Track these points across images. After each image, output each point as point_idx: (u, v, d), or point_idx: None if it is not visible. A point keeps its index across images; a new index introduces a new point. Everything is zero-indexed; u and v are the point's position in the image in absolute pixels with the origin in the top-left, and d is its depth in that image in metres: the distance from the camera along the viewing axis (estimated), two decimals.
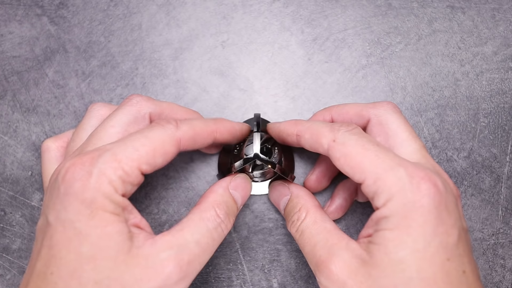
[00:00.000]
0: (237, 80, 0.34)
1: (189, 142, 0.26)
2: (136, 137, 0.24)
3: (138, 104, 0.27)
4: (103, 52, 0.35)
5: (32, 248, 0.33)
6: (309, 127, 0.26)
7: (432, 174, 0.23)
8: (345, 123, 0.26)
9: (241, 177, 0.28)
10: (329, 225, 0.25)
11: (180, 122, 0.25)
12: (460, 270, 0.22)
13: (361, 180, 0.23)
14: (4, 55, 0.35)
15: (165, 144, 0.24)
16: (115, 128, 0.26)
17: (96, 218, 0.21)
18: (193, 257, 0.23)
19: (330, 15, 0.35)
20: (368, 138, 0.24)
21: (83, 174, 0.22)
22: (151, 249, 0.22)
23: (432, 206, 0.22)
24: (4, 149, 0.34)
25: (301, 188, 0.29)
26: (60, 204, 0.22)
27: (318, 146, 0.26)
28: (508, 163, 0.34)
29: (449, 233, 0.22)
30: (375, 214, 0.23)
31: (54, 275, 0.21)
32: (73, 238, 0.21)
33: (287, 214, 0.28)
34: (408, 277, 0.21)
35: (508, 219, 0.33)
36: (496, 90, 0.34)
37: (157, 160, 0.24)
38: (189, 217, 0.25)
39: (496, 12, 0.35)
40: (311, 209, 0.26)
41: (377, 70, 0.34)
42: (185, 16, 0.35)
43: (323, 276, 0.23)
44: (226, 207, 0.26)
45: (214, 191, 0.26)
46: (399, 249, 0.21)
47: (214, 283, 0.33)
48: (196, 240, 0.23)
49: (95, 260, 0.21)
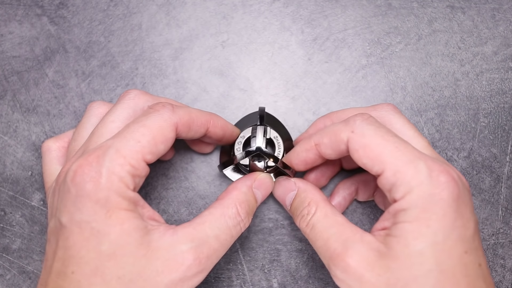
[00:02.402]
0: (237, 80, 0.34)
1: (185, 127, 0.26)
2: (135, 128, 0.24)
3: (136, 98, 0.27)
4: (103, 52, 0.35)
5: (33, 249, 0.33)
6: (324, 132, 0.26)
7: (449, 168, 0.23)
8: (360, 113, 0.26)
9: (265, 176, 0.28)
10: (340, 219, 0.25)
11: (176, 107, 0.26)
12: (477, 263, 0.22)
13: (380, 171, 0.23)
14: (4, 55, 0.35)
15: (164, 130, 0.24)
16: (115, 123, 0.26)
17: (113, 217, 0.22)
18: (212, 251, 0.24)
19: (330, 15, 0.35)
20: (386, 128, 0.24)
21: (93, 175, 0.22)
22: (172, 240, 0.23)
23: (451, 199, 0.22)
24: (4, 149, 0.34)
25: (307, 183, 0.29)
26: (73, 206, 0.22)
27: (339, 144, 0.25)
28: (508, 163, 0.34)
29: (467, 226, 0.22)
30: (393, 206, 0.23)
31: (76, 273, 0.21)
32: (91, 238, 0.21)
33: (295, 209, 0.28)
34: (428, 269, 0.21)
35: (508, 219, 0.33)
36: (496, 90, 0.34)
37: (159, 147, 0.24)
38: (210, 211, 0.25)
39: (496, 12, 0.35)
40: (321, 202, 0.26)
41: (377, 70, 0.34)
42: (185, 16, 0.35)
43: (338, 269, 0.23)
44: (248, 206, 0.26)
45: (238, 188, 0.27)
46: (419, 241, 0.21)
47: (214, 283, 0.33)
48: (216, 235, 0.24)
49: (116, 256, 0.21)
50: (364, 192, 0.31)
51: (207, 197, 0.33)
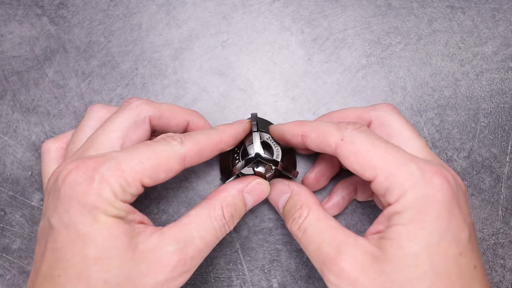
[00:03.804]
0: (237, 80, 0.34)
1: (195, 158, 0.26)
2: (143, 150, 0.24)
3: (138, 108, 0.27)
4: (103, 52, 0.35)
5: (32, 249, 0.33)
6: (315, 127, 0.26)
7: (443, 169, 0.23)
8: (352, 122, 0.26)
9: (258, 181, 0.28)
10: (333, 223, 0.25)
11: (185, 138, 0.25)
12: (472, 265, 0.22)
13: (372, 177, 0.23)
14: (4, 55, 0.35)
15: (170, 161, 0.24)
16: (116, 133, 0.26)
17: (100, 221, 0.22)
18: (197, 252, 0.24)
19: (330, 15, 0.35)
20: (376, 136, 0.24)
21: (85, 178, 0.22)
22: (158, 241, 0.23)
23: (445, 200, 0.22)
24: (4, 149, 0.34)
25: (301, 186, 0.29)
26: (62, 206, 0.22)
27: (325, 146, 0.25)
28: (508, 163, 0.34)
29: (462, 228, 0.22)
30: (387, 210, 0.23)
31: (62, 277, 0.21)
32: (77, 240, 0.21)
33: (287, 212, 0.28)
34: (422, 271, 0.21)
35: (508, 219, 0.33)
36: (496, 90, 0.34)
37: (160, 175, 0.24)
38: (197, 211, 0.25)
39: (496, 12, 0.35)
40: (313, 206, 0.26)
41: (377, 70, 0.34)
42: (185, 16, 0.35)
43: (332, 274, 0.23)
44: (233, 210, 0.26)
45: (227, 190, 0.27)
46: (413, 243, 0.21)
47: (214, 283, 0.33)
48: (201, 236, 0.24)
49: (102, 260, 0.21)
50: (363, 192, 0.31)
51: None
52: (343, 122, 0.26)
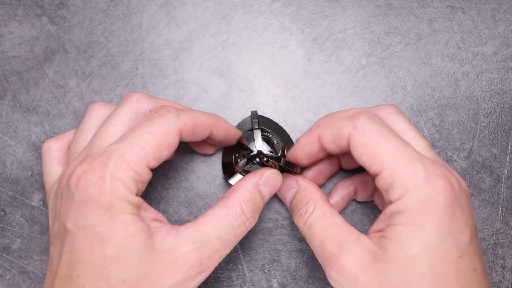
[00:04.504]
0: (237, 80, 0.34)
1: (189, 132, 0.26)
2: (140, 133, 0.24)
3: (139, 101, 0.27)
4: (103, 52, 0.35)
5: (33, 249, 0.33)
6: (328, 125, 0.26)
7: (448, 172, 0.23)
8: (364, 111, 0.25)
9: (270, 172, 0.28)
10: (338, 219, 0.25)
11: (181, 112, 0.25)
12: (472, 268, 0.22)
13: (378, 171, 0.23)
14: (4, 55, 0.35)
15: (169, 137, 0.24)
16: (118, 127, 0.26)
17: (117, 221, 0.22)
18: (214, 252, 0.24)
19: (330, 15, 0.35)
20: (388, 128, 0.24)
21: (96, 180, 0.22)
22: (174, 242, 0.23)
23: (447, 203, 0.22)
24: (4, 149, 0.34)
25: (308, 181, 0.29)
26: (77, 210, 0.22)
27: (341, 140, 0.25)
28: (508, 163, 0.34)
29: (463, 230, 0.22)
30: (389, 208, 0.23)
31: (81, 277, 0.22)
32: (96, 242, 0.22)
33: (294, 206, 0.28)
34: (421, 273, 0.21)
35: (508, 219, 0.33)
36: (496, 90, 0.34)
37: (163, 153, 0.24)
38: (215, 210, 0.25)
39: (496, 12, 0.35)
40: (319, 202, 0.26)
41: (377, 70, 0.34)
42: (185, 16, 0.35)
43: (333, 270, 0.23)
44: (253, 205, 0.26)
45: (243, 186, 0.26)
46: (413, 244, 0.21)
47: (214, 283, 0.33)
48: (219, 235, 0.24)
49: (120, 260, 0.22)
50: (363, 193, 0.31)
51: (207, 197, 0.33)
52: (355, 113, 0.26)
